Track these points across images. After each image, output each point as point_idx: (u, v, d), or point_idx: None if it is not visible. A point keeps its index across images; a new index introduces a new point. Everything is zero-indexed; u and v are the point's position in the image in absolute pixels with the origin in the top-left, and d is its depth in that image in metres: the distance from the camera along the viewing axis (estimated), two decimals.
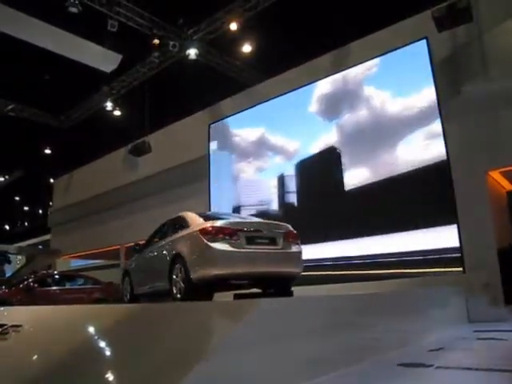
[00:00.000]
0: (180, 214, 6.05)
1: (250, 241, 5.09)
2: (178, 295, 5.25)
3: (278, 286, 5.59)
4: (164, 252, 5.88)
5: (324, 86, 11.08)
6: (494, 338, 5.48)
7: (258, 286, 5.71)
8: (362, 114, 10.30)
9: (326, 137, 10.80)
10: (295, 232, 5.59)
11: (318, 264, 9.87)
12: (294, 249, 5.45)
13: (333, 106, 10.90)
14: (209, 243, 4.90)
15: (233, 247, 4.92)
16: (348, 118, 10.56)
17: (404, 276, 8.45)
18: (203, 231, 5.03)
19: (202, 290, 5.05)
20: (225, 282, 5.06)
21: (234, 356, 2.82)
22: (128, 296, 6.99)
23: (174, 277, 5.37)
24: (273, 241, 5.30)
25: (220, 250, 4.87)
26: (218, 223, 5.11)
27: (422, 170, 8.93)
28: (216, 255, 4.87)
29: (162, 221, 6.60)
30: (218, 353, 2.75)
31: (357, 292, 6.76)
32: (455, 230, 8.19)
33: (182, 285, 5.17)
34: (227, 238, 4.94)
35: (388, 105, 9.82)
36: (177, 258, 5.37)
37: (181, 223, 5.76)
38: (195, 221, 5.51)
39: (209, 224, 5.11)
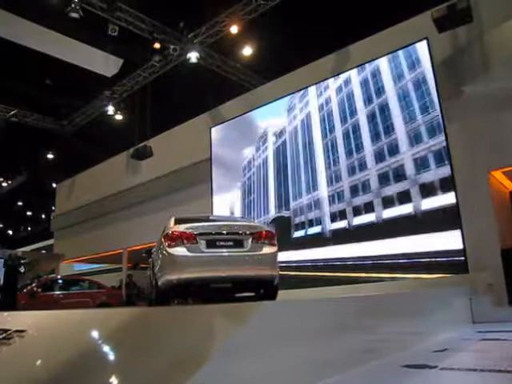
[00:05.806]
0: None
1: (211, 244, 4.95)
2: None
3: (255, 289, 5.39)
4: (150, 259, 6.04)
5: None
6: (499, 339, 5.45)
7: (244, 291, 5.50)
8: (361, 114, 10.29)
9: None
10: (270, 232, 5.31)
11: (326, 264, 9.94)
12: (266, 250, 5.15)
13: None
14: (168, 249, 4.86)
15: (190, 252, 4.83)
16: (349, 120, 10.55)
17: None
18: (166, 237, 5.00)
19: (169, 295, 5.06)
20: (199, 286, 4.96)
21: (236, 359, 2.82)
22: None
23: (154, 282, 5.47)
24: (238, 243, 5.08)
25: (176, 255, 4.81)
26: (180, 228, 5.02)
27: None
28: (173, 260, 4.83)
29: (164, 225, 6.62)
30: (220, 356, 2.74)
31: (360, 294, 6.74)
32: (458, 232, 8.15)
33: (155, 290, 5.23)
34: (185, 242, 4.86)
35: (387, 104, 9.81)
36: (152, 263, 5.51)
37: (164, 228, 5.75)
38: (169, 226, 5.41)
39: (173, 229, 5.06)
